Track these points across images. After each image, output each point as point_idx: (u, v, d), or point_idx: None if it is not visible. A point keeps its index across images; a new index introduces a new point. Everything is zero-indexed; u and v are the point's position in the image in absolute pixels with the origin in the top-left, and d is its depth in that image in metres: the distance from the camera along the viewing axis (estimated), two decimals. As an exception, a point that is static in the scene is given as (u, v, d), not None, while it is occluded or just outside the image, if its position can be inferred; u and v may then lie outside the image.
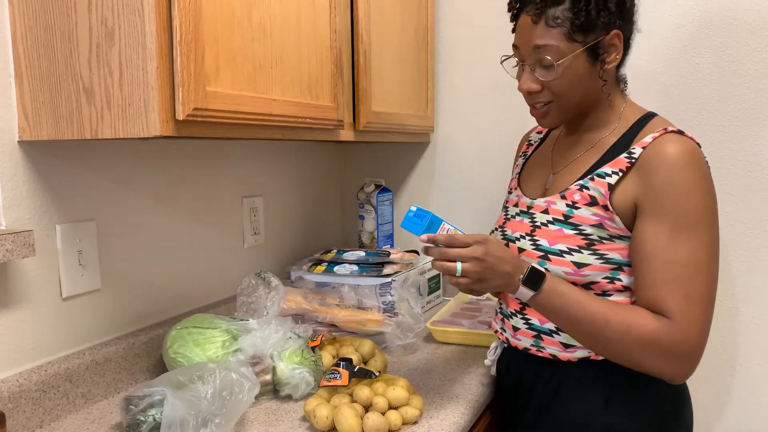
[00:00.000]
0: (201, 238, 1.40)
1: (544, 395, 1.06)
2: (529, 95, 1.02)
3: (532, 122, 1.48)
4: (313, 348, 1.14)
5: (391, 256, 1.51)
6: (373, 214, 1.72)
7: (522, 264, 0.96)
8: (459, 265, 0.93)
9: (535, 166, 1.18)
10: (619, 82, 1.07)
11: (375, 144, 1.92)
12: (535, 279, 0.95)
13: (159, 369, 1.22)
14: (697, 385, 1.55)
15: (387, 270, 1.47)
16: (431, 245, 0.96)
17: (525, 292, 0.96)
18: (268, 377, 1.09)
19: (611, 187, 0.97)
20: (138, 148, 1.22)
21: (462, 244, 0.94)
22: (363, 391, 1.01)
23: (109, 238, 1.16)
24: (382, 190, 1.73)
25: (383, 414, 0.97)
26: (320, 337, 1.18)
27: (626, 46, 1.02)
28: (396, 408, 1.00)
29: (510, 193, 1.19)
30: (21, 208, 1.00)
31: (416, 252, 1.62)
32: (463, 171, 1.81)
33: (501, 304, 1.15)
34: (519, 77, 1.03)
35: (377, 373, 1.06)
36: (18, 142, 0.98)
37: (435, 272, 1.70)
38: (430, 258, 0.99)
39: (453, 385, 1.16)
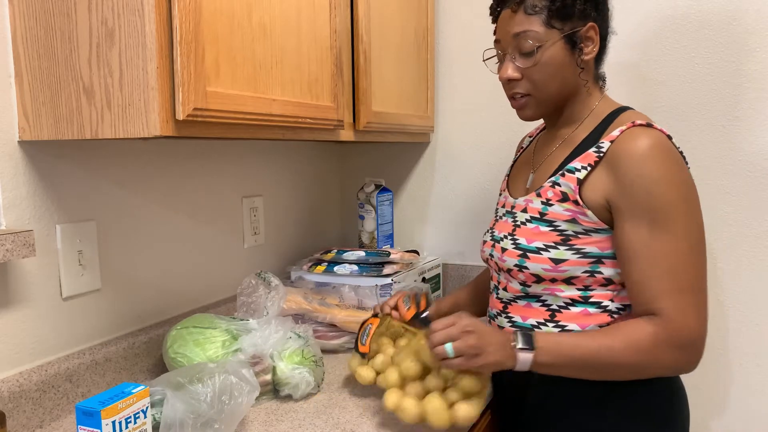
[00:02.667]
0: (201, 238, 1.40)
1: (537, 395, 1.06)
2: (508, 84, 1.04)
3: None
4: (363, 354, 1.12)
5: (391, 256, 1.51)
6: (373, 214, 1.72)
7: (507, 333, 0.96)
8: (449, 346, 0.92)
9: (521, 166, 1.19)
10: (598, 79, 1.08)
11: (375, 144, 1.92)
12: (527, 338, 0.94)
13: (159, 369, 1.22)
14: (696, 384, 1.55)
15: (387, 270, 1.47)
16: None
17: (525, 356, 0.94)
18: (268, 377, 1.09)
19: (580, 182, 0.98)
20: (138, 148, 1.22)
21: (444, 324, 0.94)
22: (434, 381, 0.99)
23: (109, 238, 1.16)
24: (382, 190, 1.73)
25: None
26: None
27: (603, 45, 1.04)
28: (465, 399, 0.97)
29: (500, 194, 1.21)
30: (21, 208, 1.00)
31: (416, 252, 1.62)
32: (463, 171, 1.81)
33: (490, 309, 1.16)
34: (499, 69, 1.05)
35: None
36: (18, 142, 0.98)
37: (435, 273, 1.70)
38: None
39: (453, 385, 1.16)
